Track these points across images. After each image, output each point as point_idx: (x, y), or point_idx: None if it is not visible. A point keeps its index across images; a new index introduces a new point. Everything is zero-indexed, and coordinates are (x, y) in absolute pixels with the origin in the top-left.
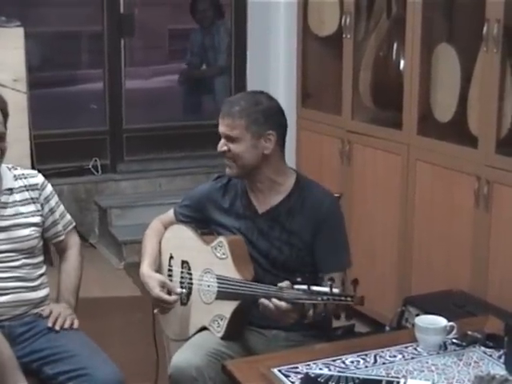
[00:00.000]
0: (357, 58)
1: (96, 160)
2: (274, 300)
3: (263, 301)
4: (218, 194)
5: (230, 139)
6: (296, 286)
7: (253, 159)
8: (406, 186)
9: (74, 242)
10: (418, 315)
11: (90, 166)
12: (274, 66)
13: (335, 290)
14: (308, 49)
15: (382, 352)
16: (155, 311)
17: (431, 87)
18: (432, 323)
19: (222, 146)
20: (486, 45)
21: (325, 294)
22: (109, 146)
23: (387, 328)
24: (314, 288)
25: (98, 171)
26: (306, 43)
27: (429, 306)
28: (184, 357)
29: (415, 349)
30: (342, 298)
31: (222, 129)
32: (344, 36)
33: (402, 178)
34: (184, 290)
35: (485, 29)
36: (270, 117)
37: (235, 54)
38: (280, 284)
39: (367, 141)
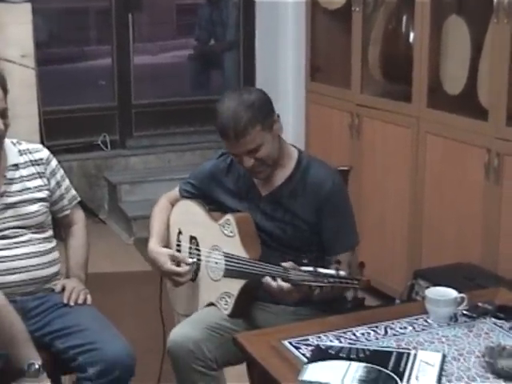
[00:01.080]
0: (366, 31)
1: (105, 136)
2: (279, 281)
3: (267, 279)
4: (222, 173)
5: (253, 152)
6: (302, 268)
7: (277, 150)
8: (416, 159)
9: (80, 217)
10: (428, 288)
11: (100, 142)
12: (282, 41)
13: (341, 273)
14: (317, 22)
15: (393, 324)
16: (169, 285)
17: (441, 60)
18: (442, 295)
19: (249, 162)
20: (496, 16)
21: (331, 276)
22: (118, 122)
23: (397, 301)
24: (320, 270)
25: (107, 147)
26: (314, 17)
27: (439, 278)
28: (182, 331)
29: (425, 320)
30: (348, 281)
31: (239, 150)
32: (353, 9)
33: (411, 151)
34: (195, 260)
35: (495, 0)
36: (267, 104)
37: (244, 29)
38: (284, 264)
39: (376, 114)
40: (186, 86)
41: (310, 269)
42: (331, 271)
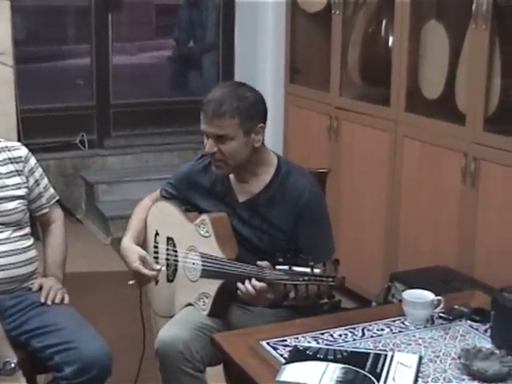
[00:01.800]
0: (345, 34)
1: (83, 135)
2: (253, 281)
3: (239, 285)
4: (199, 174)
5: (220, 140)
6: (277, 267)
7: (244, 155)
8: (394, 162)
9: (58, 215)
10: (404, 290)
11: (77, 141)
12: (262, 42)
13: (316, 271)
14: (297, 24)
15: (370, 326)
16: (130, 282)
17: (419, 64)
18: (419, 297)
19: (212, 147)
20: (474, 21)
21: (306, 274)
22: (96, 121)
23: (374, 304)
24: (295, 268)
25: (84, 146)
26: (294, 19)
27: (415, 281)
28: (170, 331)
29: (402, 323)
30: (324, 279)
31: (210, 129)
32: (333, 12)
33: (389, 154)
34: (163, 268)
35: (474, 6)
36: (259, 110)
37: (223, 30)
38: (259, 263)
39: (355, 117)
40: (165, 87)
41: (285, 267)
42: (306, 269)
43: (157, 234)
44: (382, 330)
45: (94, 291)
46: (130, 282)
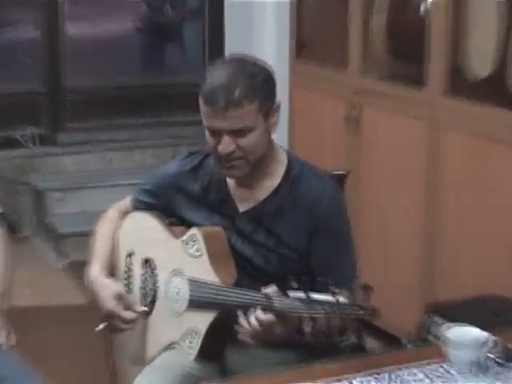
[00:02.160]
0: None
1: (30, 129)
2: (257, 312)
3: (240, 319)
4: (187, 178)
5: (238, 134)
6: (291, 294)
7: (264, 147)
8: (430, 161)
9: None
10: (445, 326)
11: (21, 137)
12: (260, 7)
13: (341, 299)
14: None
15: (400, 370)
16: (100, 326)
17: (463, 33)
18: (465, 335)
19: (230, 145)
20: None
21: (328, 303)
22: (46, 111)
23: (405, 343)
24: (314, 296)
25: (32, 143)
26: None
27: (459, 314)
28: (148, 381)
29: (442, 367)
30: (351, 310)
31: (224, 124)
32: None
33: (424, 151)
34: (145, 309)
35: None
36: (271, 85)
37: None
38: (265, 290)
39: (380, 103)
40: (135, 66)
41: (301, 295)
42: (328, 297)
43: (130, 254)
44: (415, 374)
45: (42, 331)
46: (99, 327)
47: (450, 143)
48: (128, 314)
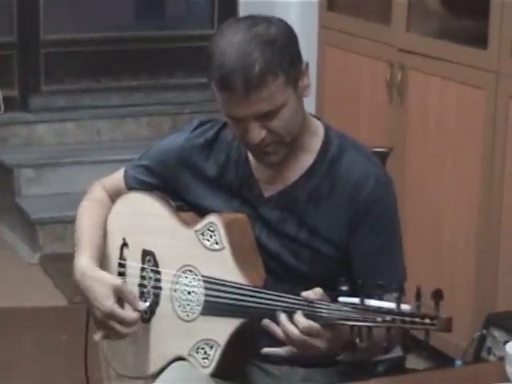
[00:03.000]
0: None
1: None
2: (297, 316)
3: (272, 326)
4: (199, 155)
5: (267, 116)
6: (341, 299)
7: (300, 118)
8: (493, 137)
9: None
10: (508, 342)
11: None
12: None
13: (405, 307)
14: None
15: None
16: (97, 337)
17: None
18: None
19: (260, 132)
20: None
21: (389, 312)
22: (17, 69)
23: (459, 362)
24: (372, 302)
25: None
26: None
27: None
28: None
29: None
30: (417, 320)
31: (249, 111)
32: None
33: (485, 124)
34: (148, 304)
35: None
36: (294, 45)
37: None
38: (305, 293)
39: (431, 66)
40: (127, 15)
41: (355, 300)
42: (389, 304)
43: (124, 244)
44: None
45: (11, 337)
46: (97, 337)
47: None
48: (129, 315)
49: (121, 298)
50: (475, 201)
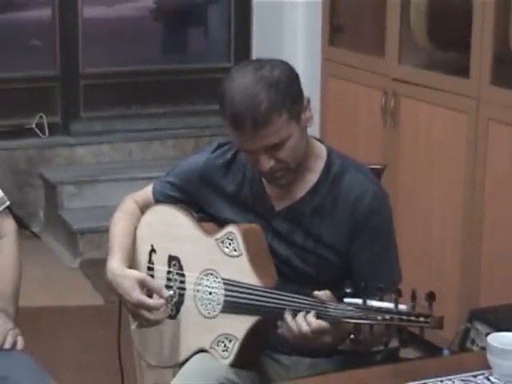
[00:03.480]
0: None
1: (42, 117)
2: (309, 316)
3: (288, 320)
4: (219, 173)
5: (275, 148)
6: (346, 300)
7: (304, 146)
8: (474, 156)
9: (9, 228)
10: (489, 334)
11: (34, 126)
12: None
13: (402, 307)
14: None
15: (442, 382)
16: (134, 326)
17: (511, 18)
18: (511, 343)
19: (269, 162)
20: None
21: (388, 312)
22: (59, 98)
23: (446, 352)
24: (373, 303)
25: (44, 132)
26: None
27: (504, 322)
28: None
29: (487, 378)
30: (413, 318)
31: (257, 144)
32: None
33: (468, 145)
34: (173, 293)
35: None
36: (295, 84)
37: None
38: (317, 293)
39: (420, 93)
40: (155, 51)
41: (358, 301)
42: (388, 304)
43: (152, 250)
44: None
45: (56, 333)
46: (133, 326)
47: (495, 136)
48: (155, 301)
49: (147, 289)
50: (460, 210)
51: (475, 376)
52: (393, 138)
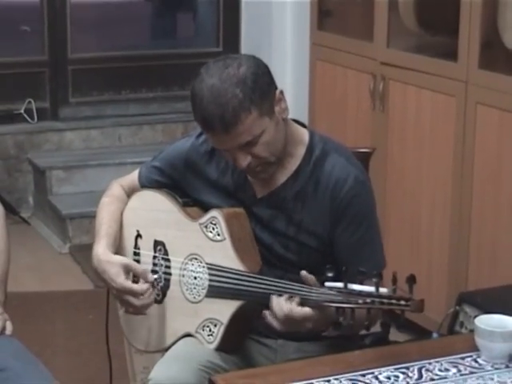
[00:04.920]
0: None
1: (30, 102)
2: (293, 304)
3: (274, 305)
4: (203, 159)
5: (249, 144)
6: (327, 284)
7: (282, 138)
8: (463, 139)
9: None
10: (477, 316)
11: (22, 111)
12: None
13: (383, 290)
14: None
15: (430, 364)
16: (121, 312)
17: (499, 2)
18: (498, 325)
19: (245, 159)
20: None
21: (369, 295)
22: (48, 83)
23: (435, 335)
24: (354, 287)
25: (32, 118)
26: None
27: (492, 304)
28: (169, 372)
29: (475, 360)
30: (393, 301)
31: (230, 144)
32: None
33: (456, 127)
34: (158, 277)
35: None
36: (264, 78)
37: None
38: (304, 272)
39: (408, 76)
40: (144, 35)
41: (339, 285)
42: (369, 288)
43: (138, 235)
44: (447, 370)
45: (45, 318)
46: (121, 312)
47: (484, 120)
48: (139, 286)
49: (133, 274)
50: (448, 194)
51: (463, 358)
52: (381, 122)
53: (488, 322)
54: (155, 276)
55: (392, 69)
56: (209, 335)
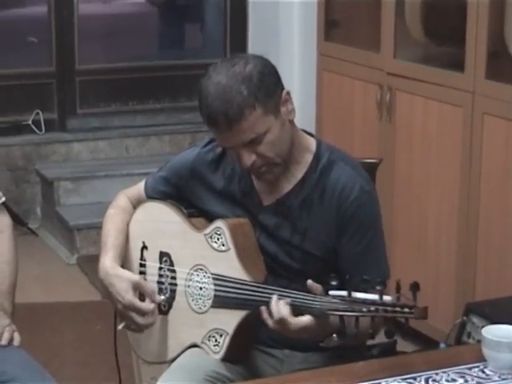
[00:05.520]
0: None
1: (38, 113)
2: (284, 307)
3: (263, 310)
4: (208, 168)
5: (253, 143)
6: (331, 292)
7: (288, 139)
8: (470, 149)
9: (4, 223)
10: (485, 327)
11: (30, 122)
12: None
13: (386, 298)
14: None
15: (437, 375)
16: (120, 326)
17: (506, 13)
18: (506, 336)
19: (250, 157)
20: None
21: (373, 303)
22: (56, 94)
23: (442, 345)
24: (358, 295)
25: (40, 129)
26: None
27: (500, 315)
28: (176, 383)
29: (482, 370)
30: (397, 309)
31: (233, 141)
32: None
33: (463, 138)
34: (165, 297)
35: None
36: (271, 77)
37: None
38: (310, 282)
39: (415, 87)
40: (152, 46)
41: (343, 293)
42: (373, 296)
43: (144, 247)
44: (454, 380)
45: (53, 329)
46: (121, 326)
47: (491, 130)
48: (146, 305)
49: (140, 292)
50: (455, 203)
51: (470, 368)
52: (388, 132)
53: (495, 332)
54: (162, 297)
55: (399, 79)
56: (215, 345)
